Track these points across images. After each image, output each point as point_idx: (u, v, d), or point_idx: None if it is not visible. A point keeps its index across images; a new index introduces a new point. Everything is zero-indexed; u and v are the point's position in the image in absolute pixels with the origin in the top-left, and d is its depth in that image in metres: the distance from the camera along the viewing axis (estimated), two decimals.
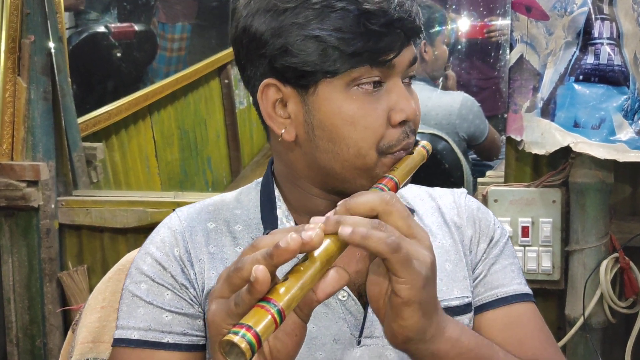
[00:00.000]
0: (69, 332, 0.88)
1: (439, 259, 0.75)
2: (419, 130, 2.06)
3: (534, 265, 1.36)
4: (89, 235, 1.75)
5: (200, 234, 0.73)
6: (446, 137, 1.95)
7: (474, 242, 0.77)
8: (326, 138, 0.67)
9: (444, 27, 2.06)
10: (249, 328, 0.46)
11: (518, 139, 1.35)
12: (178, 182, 2.88)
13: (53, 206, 1.70)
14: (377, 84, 0.67)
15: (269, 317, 0.48)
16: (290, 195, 0.74)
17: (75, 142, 1.80)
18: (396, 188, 0.65)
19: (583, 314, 1.29)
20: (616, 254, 1.29)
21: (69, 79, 1.79)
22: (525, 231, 1.36)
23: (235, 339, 0.46)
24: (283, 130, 0.68)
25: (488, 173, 1.54)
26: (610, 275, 1.28)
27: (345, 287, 0.70)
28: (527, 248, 1.36)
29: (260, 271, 0.49)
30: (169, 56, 3.17)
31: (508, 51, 1.37)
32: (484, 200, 1.39)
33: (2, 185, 1.63)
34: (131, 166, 2.46)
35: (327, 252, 0.52)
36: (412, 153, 0.69)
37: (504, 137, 1.41)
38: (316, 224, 0.53)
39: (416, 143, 0.70)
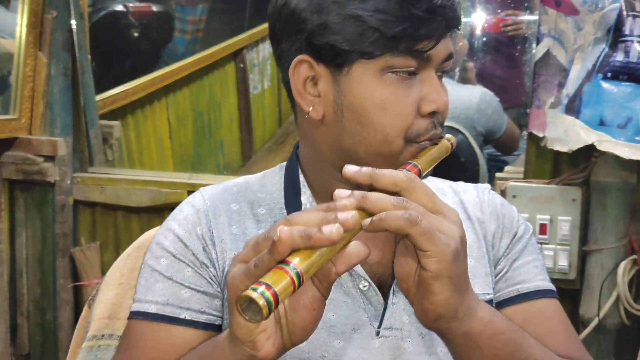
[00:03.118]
0: (85, 307, 0.88)
1: None
2: None
3: (550, 264, 1.35)
4: (102, 212, 1.76)
5: (223, 214, 0.73)
6: (463, 131, 1.93)
7: (496, 237, 0.76)
8: (354, 120, 0.66)
9: (466, 20, 2.04)
10: (268, 286, 0.46)
11: (540, 135, 1.34)
12: (190, 164, 2.88)
13: (69, 182, 1.71)
14: (412, 73, 0.66)
15: (288, 278, 0.47)
16: (314, 180, 0.73)
17: (93, 120, 1.80)
18: (419, 175, 0.64)
19: (598, 314, 1.28)
20: (635, 256, 1.28)
21: (89, 56, 1.79)
22: (543, 229, 1.34)
23: (254, 295, 0.46)
24: (311, 108, 0.68)
25: (507, 168, 1.53)
26: (628, 277, 1.27)
27: (367, 277, 0.70)
28: (544, 246, 1.34)
29: (284, 232, 0.49)
30: (189, 38, 3.16)
31: (534, 45, 1.34)
32: (502, 196, 1.38)
33: (19, 159, 1.64)
34: (145, 146, 2.46)
35: None
36: (437, 144, 0.68)
37: (525, 133, 1.40)
38: (348, 204, 0.52)
39: (442, 136, 0.70)
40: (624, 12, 1.21)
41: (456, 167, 1.89)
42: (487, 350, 0.57)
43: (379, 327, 0.69)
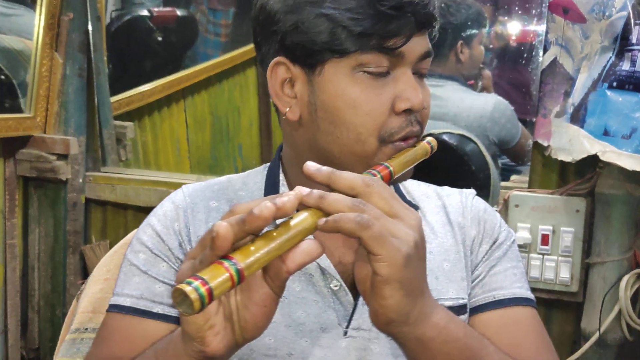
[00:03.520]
0: (74, 301, 0.90)
1: (438, 257, 0.74)
2: (447, 130, 2.02)
3: (551, 275, 1.32)
4: (113, 211, 1.79)
5: (202, 211, 0.74)
6: (475, 140, 1.91)
7: (476, 242, 0.76)
8: (328, 120, 0.67)
9: (482, 28, 2.02)
10: (204, 282, 0.46)
11: (545, 144, 1.32)
12: (207, 167, 2.91)
13: (81, 180, 1.74)
14: (385, 72, 0.66)
15: (227, 274, 0.47)
16: (294, 179, 0.74)
17: (107, 120, 1.84)
18: (390, 176, 0.63)
19: (599, 329, 1.25)
20: (638, 270, 1.24)
21: (105, 58, 1.83)
22: (545, 239, 1.32)
23: (187, 289, 0.46)
24: (287, 109, 0.69)
25: (513, 177, 1.51)
26: (631, 292, 1.24)
27: (338, 277, 0.70)
28: (545, 257, 1.32)
29: (222, 227, 0.48)
30: (223, 41, 3.21)
31: (541, 53, 1.33)
32: (505, 205, 1.36)
33: (34, 157, 1.68)
34: (162, 147, 2.50)
35: (302, 223, 0.52)
36: (414, 146, 0.68)
37: (530, 142, 1.38)
38: (291, 192, 0.52)
39: (423, 138, 0.69)
40: (632, 21, 1.19)
41: (466, 175, 1.87)
42: (440, 356, 0.57)
43: (347, 327, 0.69)
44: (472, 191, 0.82)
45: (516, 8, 1.94)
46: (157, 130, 2.47)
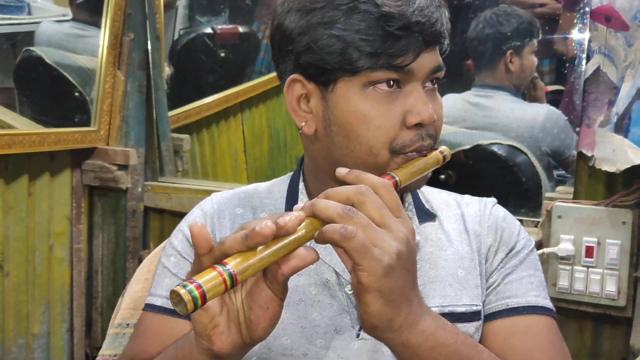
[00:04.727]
0: (119, 299, 0.97)
1: (453, 265, 0.75)
2: (497, 141, 1.98)
3: (597, 289, 1.29)
4: (170, 219, 1.89)
5: (227, 217, 0.79)
6: (526, 151, 1.88)
7: (491, 250, 0.76)
8: (341, 134, 0.70)
9: (534, 38, 1.99)
10: (197, 285, 0.51)
11: (589, 154, 1.29)
12: (265, 177, 2.98)
13: (140, 190, 1.85)
14: (395, 87, 0.68)
15: (219, 278, 0.52)
16: (314, 188, 0.78)
17: (165, 133, 1.95)
18: (395, 186, 0.66)
19: None
20: None
21: (163, 75, 1.94)
22: (589, 251, 1.29)
23: (182, 291, 0.50)
24: (303, 124, 0.72)
25: (558, 188, 1.48)
26: None
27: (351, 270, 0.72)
28: (590, 269, 1.29)
29: (229, 239, 0.53)
30: None
31: (584, 62, 1.31)
32: (548, 216, 1.34)
33: (97, 167, 1.81)
34: (219, 159, 2.61)
35: (298, 232, 0.55)
36: (425, 156, 0.70)
37: (574, 152, 1.35)
38: (296, 212, 0.56)
39: (435, 148, 0.71)
40: None
41: (516, 187, 1.84)
42: None
43: (360, 329, 0.72)
44: (493, 200, 0.82)
45: (557, 18, 1.90)
46: (214, 143, 2.57)
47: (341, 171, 0.61)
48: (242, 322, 0.58)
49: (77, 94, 1.88)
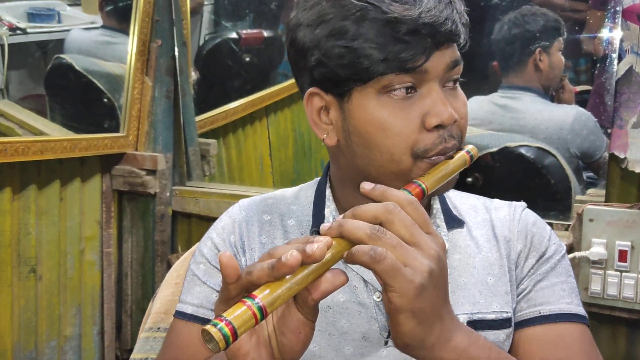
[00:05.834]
0: (150, 303, 0.98)
1: (482, 272, 0.74)
2: (525, 143, 1.96)
3: (631, 293, 1.26)
4: (197, 223, 1.91)
5: (255, 224, 0.79)
6: (554, 153, 1.85)
7: (522, 257, 0.75)
8: (361, 144, 0.69)
9: (560, 36, 1.96)
10: (228, 322, 0.51)
11: (622, 156, 1.26)
12: (290, 182, 3.00)
13: (168, 194, 1.88)
14: (410, 90, 0.67)
15: (249, 312, 0.51)
16: (340, 195, 0.77)
17: (192, 138, 1.97)
18: (422, 194, 0.64)
19: None
20: None
21: (190, 80, 1.96)
22: (622, 255, 1.26)
23: (213, 330, 0.50)
24: (325, 136, 0.72)
25: (589, 191, 1.45)
26: None
27: (381, 290, 0.72)
28: (623, 274, 1.26)
29: (256, 268, 0.53)
30: None
31: (616, 62, 1.28)
32: (579, 219, 1.32)
33: (126, 172, 1.83)
34: (245, 163, 2.62)
35: (326, 256, 0.54)
36: (452, 157, 0.68)
37: (605, 154, 1.32)
38: (323, 238, 0.55)
39: (461, 148, 0.70)
40: None
41: (545, 189, 1.81)
42: None
43: (388, 337, 0.71)
44: (522, 204, 0.81)
45: (588, 17, 1.87)
46: (241, 147, 2.59)
47: (366, 187, 0.59)
48: (275, 346, 0.57)
49: (106, 100, 1.91)
